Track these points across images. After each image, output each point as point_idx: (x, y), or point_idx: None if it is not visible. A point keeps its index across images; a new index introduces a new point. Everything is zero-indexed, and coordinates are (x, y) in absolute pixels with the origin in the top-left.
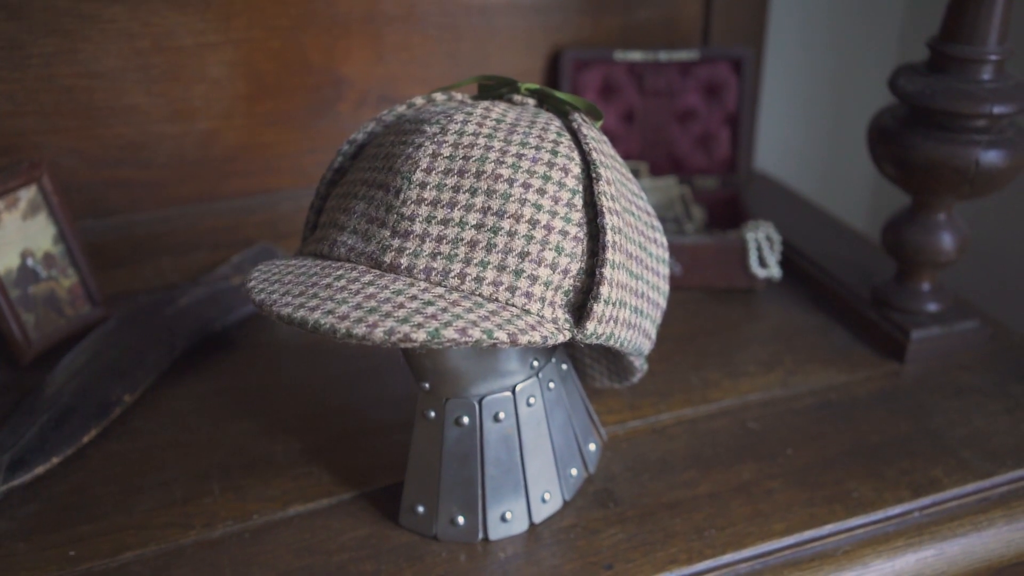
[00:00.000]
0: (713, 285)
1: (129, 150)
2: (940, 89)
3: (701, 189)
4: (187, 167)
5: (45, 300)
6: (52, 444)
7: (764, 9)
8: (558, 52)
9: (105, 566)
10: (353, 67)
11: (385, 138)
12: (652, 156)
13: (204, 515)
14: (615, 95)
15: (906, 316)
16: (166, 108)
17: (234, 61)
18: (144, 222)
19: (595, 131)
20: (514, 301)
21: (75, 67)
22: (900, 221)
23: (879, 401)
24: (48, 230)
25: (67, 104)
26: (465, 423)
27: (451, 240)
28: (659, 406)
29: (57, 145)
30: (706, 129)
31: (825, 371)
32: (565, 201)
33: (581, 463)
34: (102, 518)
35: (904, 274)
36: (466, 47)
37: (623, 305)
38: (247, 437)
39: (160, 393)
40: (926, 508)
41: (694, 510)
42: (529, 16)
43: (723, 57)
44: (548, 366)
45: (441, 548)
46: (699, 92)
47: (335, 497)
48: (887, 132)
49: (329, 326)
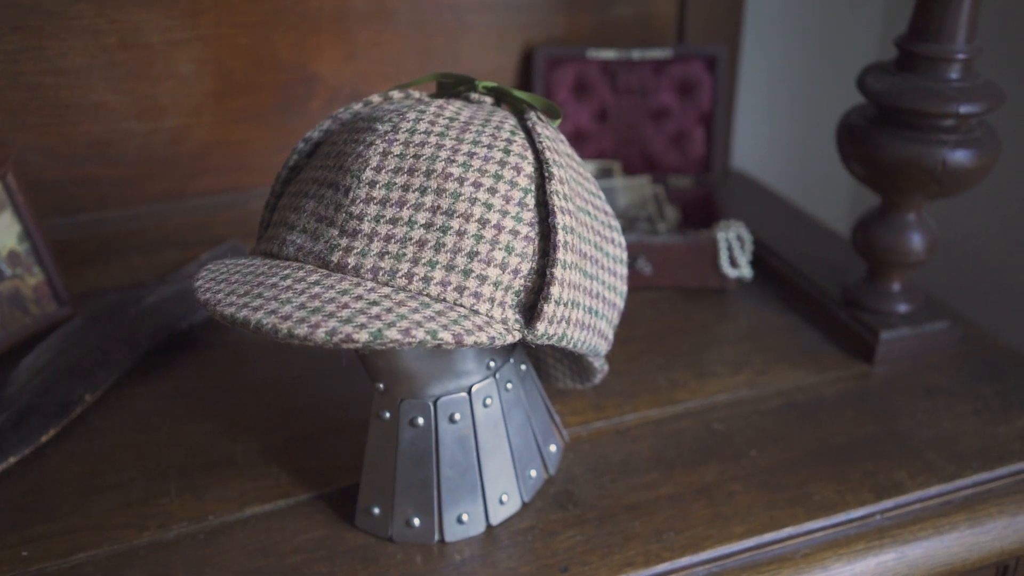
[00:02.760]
0: (685, 285)
1: (97, 148)
2: (907, 88)
3: (675, 188)
4: (156, 165)
5: (10, 298)
6: (9, 444)
7: (740, 7)
8: (531, 50)
9: (58, 567)
10: (324, 64)
11: (339, 136)
12: (625, 155)
13: (160, 516)
14: (588, 93)
15: (876, 317)
16: (134, 105)
17: (202, 58)
18: (113, 220)
19: (550, 130)
20: (462, 301)
21: (41, 64)
22: (869, 221)
23: (847, 402)
24: (13, 228)
25: (33, 101)
26: (420, 424)
27: (399, 239)
28: (624, 407)
29: (23, 143)
30: (680, 128)
31: (794, 372)
32: (517, 200)
33: (541, 464)
34: (57, 518)
35: (874, 274)
36: (437, 44)
37: (576, 306)
38: (207, 437)
39: (123, 392)
40: (888, 511)
41: (654, 512)
42: (501, 13)
43: (697, 55)
44: (506, 367)
45: (397, 550)
46: (673, 90)
47: (292, 498)
48: (855, 131)
49: (271, 326)
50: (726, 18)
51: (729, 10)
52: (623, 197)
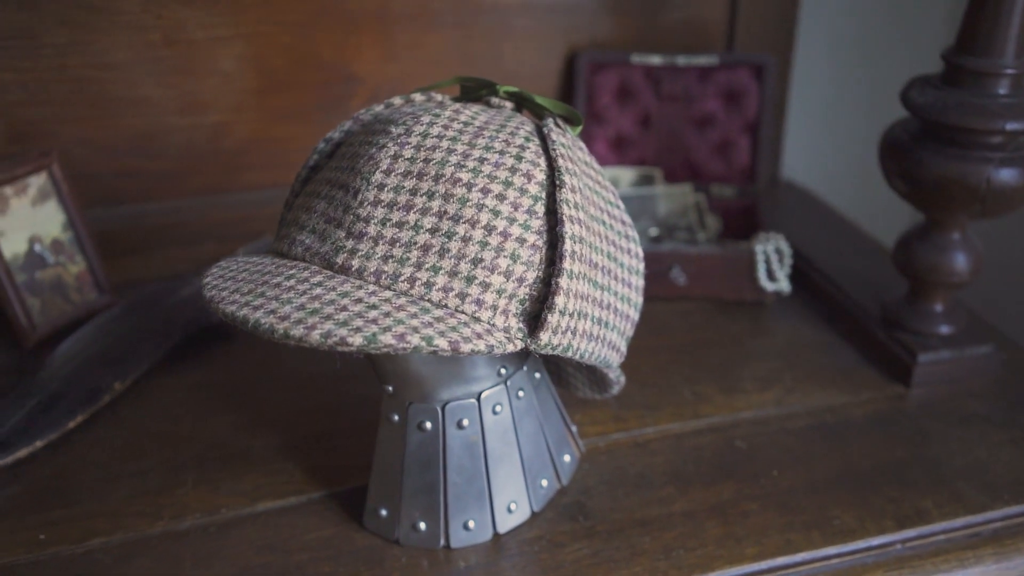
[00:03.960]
0: (720, 297)
1: (140, 141)
2: (952, 103)
3: (718, 198)
4: (197, 159)
5: (52, 286)
6: (37, 428)
7: (793, 15)
8: (574, 54)
9: (71, 551)
10: (364, 64)
11: (356, 137)
12: (668, 162)
13: (175, 506)
14: (631, 99)
15: (916, 338)
16: (177, 101)
17: (245, 55)
18: (155, 212)
19: (567, 137)
20: (464, 308)
21: (87, 58)
22: (912, 239)
23: (877, 425)
24: (57, 217)
25: (79, 95)
26: (428, 428)
27: (404, 243)
28: (645, 419)
29: (70, 135)
30: (725, 136)
31: (825, 391)
32: (526, 208)
33: (553, 474)
34: (76, 504)
35: (916, 294)
36: (479, 47)
37: (583, 316)
38: (229, 430)
39: (152, 382)
40: (910, 540)
41: (665, 529)
42: (545, 16)
43: (744, 63)
44: (518, 374)
45: (402, 553)
46: (718, 98)
47: (305, 495)
48: (897, 146)
49: (268, 326)
50: (778, 26)
51: (781, 18)
52: (663, 205)
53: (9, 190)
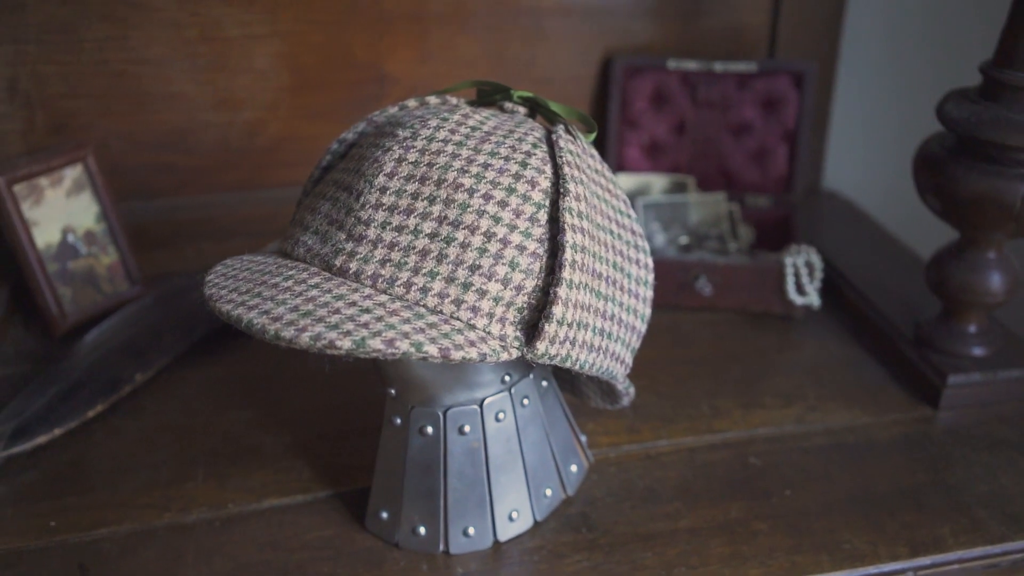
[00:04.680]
0: (747, 309)
1: (175, 136)
2: (988, 118)
3: (752, 207)
4: (231, 155)
5: (83, 276)
6: (57, 415)
7: (838, 22)
8: (610, 58)
9: (79, 539)
10: (397, 64)
11: (366, 139)
12: (702, 170)
13: (183, 499)
14: (667, 105)
15: (947, 359)
16: (212, 97)
17: (279, 53)
18: (188, 207)
19: (578, 144)
20: (459, 315)
21: (125, 53)
22: (945, 257)
23: (899, 448)
24: (91, 208)
25: (117, 89)
26: (429, 433)
27: (403, 248)
28: (659, 431)
29: (107, 128)
30: (762, 145)
31: (848, 410)
32: (528, 215)
33: (558, 484)
34: (88, 492)
35: (949, 313)
36: (513, 49)
37: (583, 326)
38: (243, 426)
39: (173, 375)
40: (923, 568)
41: (669, 545)
42: (581, 20)
43: (784, 70)
44: (524, 382)
45: (401, 556)
46: (756, 106)
47: (311, 494)
48: (931, 161)
49: (260, 326)
50: (822, 34)
51: (826, 25)
52: (695, 213)
53: (44, 181)
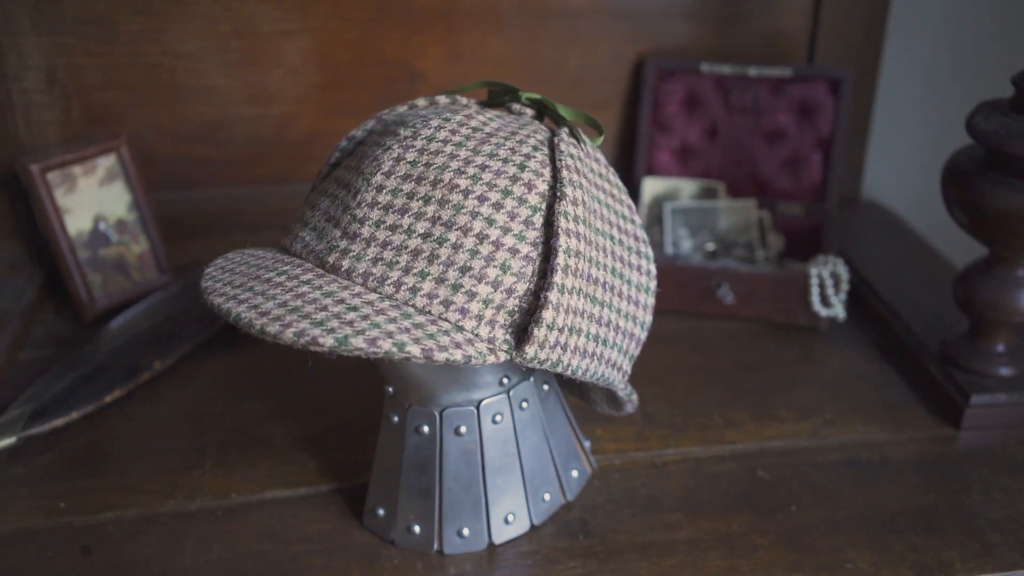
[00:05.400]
0: (770, 319)
1: (208, 129)
2: (1017, 131)
3: (784, 215)
4: (263, 149)
5: (114, 263)
6: (76, 399)
7: (881, 29)
8: (642, 60)
9: (85, 522)
10: (427, 63)
11: (372, 137)
12: (733, 176)
13: (188, 487)
14: (699, 109)
15: (972, 378)
16: (244, 91)
17: (310, 49)
18: (219, 198)
19: (581, 148)
20: (447, 316)
21: (160, 46)
22: (973, 273)
23: (915, 467)
24: (123, 198)
25: (151, 81)
26: (425, 432)
27: (395, 247)
28: (668, 440)
29: (142, 119)
30: (795, 152)
31: (866, 426)
32: (523, 218)
33: (558, 489)
34: (99, 476)
35: (976, 331)
36: (544, 50)
37: (576, 332)
38: (254, 417)
39: (192, 364)
40: None
41: (666, 555)
42: (614, 21)
43: (820, 76)
44: (523, 385)
45: (395, 554)
46: (791, 112)
47: (314, 487)
48: (960, 174)
49: (247, 320)
50: (863, 41)
51: (868, 32)
52: (724, 220)
53: (78, 169)
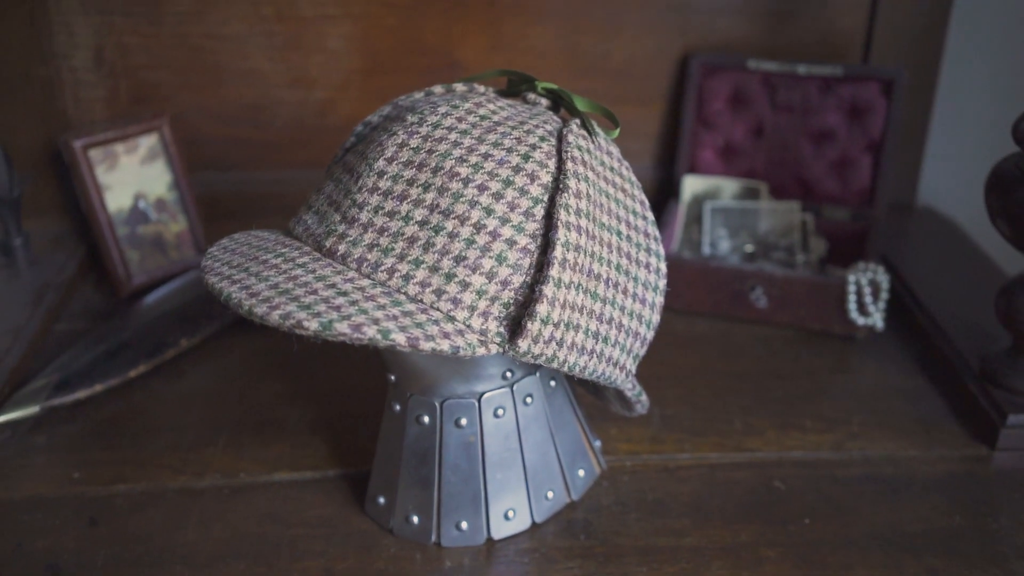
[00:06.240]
0: (805, 326)
1: (250, 111)
2: None
3: (828, 220)
4: (303, 133)
5: (152, 241)
6: (100, 373)
7: (942, 28)
8: (688, 55)
9: (96, 493)
10: (468, 52)
11: (384, 123)
12: (777, 177)
13: (199, 464)
14: (745, 107)
15: (1012, 396)
16: (286, 75)
17: (352, 35)
18: (259, 181)
19: (591, 140)
20: (439, 305)
21: (204, 28)
22: (1015, 288)
23: (941, 486)
24: (164, 177)
25: (196, 63)
26: (425, 423)
27: (392, 233)
28: (684, 444)
29: (186, 100)
30: (844, 154)
31: (894, 441)
32: (523, 209)
33: (562, 487)
34: (115, 448)
35: (1018, 348)
36: (587, 41)
37: (574, 328)
38: (272, 398)
39: (218, 344)
40: None
41: (668, 561)
42: (660, 14)
43: (872, 77)
44: (528, 379)
45: (393, 543)
46: (840, 112)
47: (320, 472)
48: (1002, 183)
49: (237, 300)
50: (923, 41)
51: (927, 32)
52: (765, 221)
53: (120, 147)
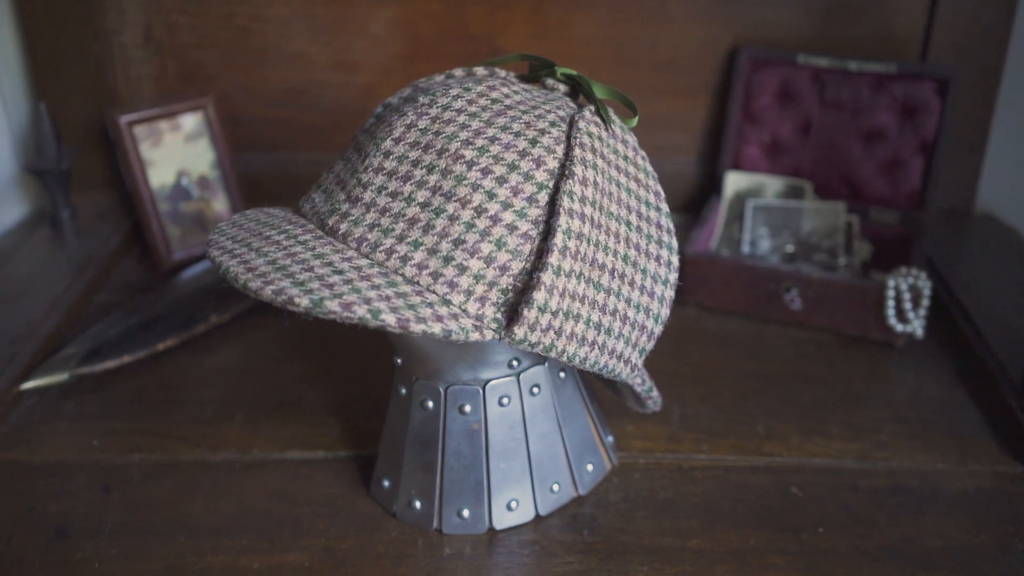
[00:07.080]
0: (841, 330)
1: (294, 94)
2: None
3: (875, 222)
4: (345, 116)
5: (193, 218)
6: (129, 344)
7: (1007, 27)
8: (736, 48)
9: (112, 461)
10: (511, 40)
11: (399, 104)
12: (823, 176)
13: (215, 438)
14: (793, 102)
15: None
16: (330, 58)
17: (395, 20)
18: (301, 162)
19: (605, 128)
20: (435, 288)
21: (250, 10)
22: None
23: (969, 502)
24: (207, 155)
25: (241, 44)
26: (429, 407)
27: (394, 214)
28: (701, 444)
29: (230, 81)
30: (895, 155)
31: (924, 454)
32: (527, 195)
33: (569, 481)
34: (136, 419)
35: None
36: (633, 31)
37: (574, 317)
38: (294, 378)
39: (248, 321)
40: None
41: (670, 563)
42: (710, 5)
43: (927, 75)
44: (536, 369)
45: (395, 527)
46: (892, 111)
47: (331, 452)
48: None
49: (234, 275)
50: (985, 40)
51: (990, 31)
52: (809, 222)
53: (165, 124)
